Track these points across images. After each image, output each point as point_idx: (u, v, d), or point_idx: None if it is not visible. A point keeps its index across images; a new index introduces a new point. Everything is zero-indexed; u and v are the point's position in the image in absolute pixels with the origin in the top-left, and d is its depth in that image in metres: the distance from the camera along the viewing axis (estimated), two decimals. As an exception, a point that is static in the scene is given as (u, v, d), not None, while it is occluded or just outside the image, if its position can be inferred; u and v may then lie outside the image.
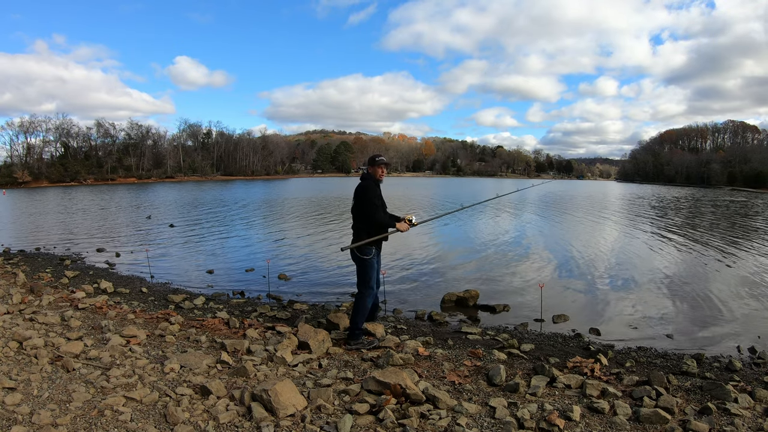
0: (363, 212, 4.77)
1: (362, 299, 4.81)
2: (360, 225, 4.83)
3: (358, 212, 4.84)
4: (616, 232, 17.21)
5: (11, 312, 5.31)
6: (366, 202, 4.75)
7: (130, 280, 8.66)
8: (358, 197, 4.83)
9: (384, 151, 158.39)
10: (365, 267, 4.81)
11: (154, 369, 3.77)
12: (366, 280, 4.83)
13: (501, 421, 3.12)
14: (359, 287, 4.90)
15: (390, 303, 7.28)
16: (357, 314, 4.77)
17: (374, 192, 4.81)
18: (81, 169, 71.44)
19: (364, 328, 4.88)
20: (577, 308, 7.19)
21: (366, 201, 4.75)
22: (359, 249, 4.75)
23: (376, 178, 4.94)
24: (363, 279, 4.84)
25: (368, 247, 4.77)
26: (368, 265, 4.80)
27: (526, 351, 4.96)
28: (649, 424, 3.18)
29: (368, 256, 4.77)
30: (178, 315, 5.82)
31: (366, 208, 4.74)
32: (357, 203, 4.84)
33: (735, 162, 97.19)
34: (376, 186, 4.88)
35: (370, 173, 4.97)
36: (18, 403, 3.04)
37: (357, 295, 4.90)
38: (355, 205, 4.87)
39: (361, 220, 4.81)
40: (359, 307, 4.78)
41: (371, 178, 4.91)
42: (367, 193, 4.77)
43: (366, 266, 4.81)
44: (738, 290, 8.28)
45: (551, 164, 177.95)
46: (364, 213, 4.75)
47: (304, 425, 2.93)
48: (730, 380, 4.22)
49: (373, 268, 4.84)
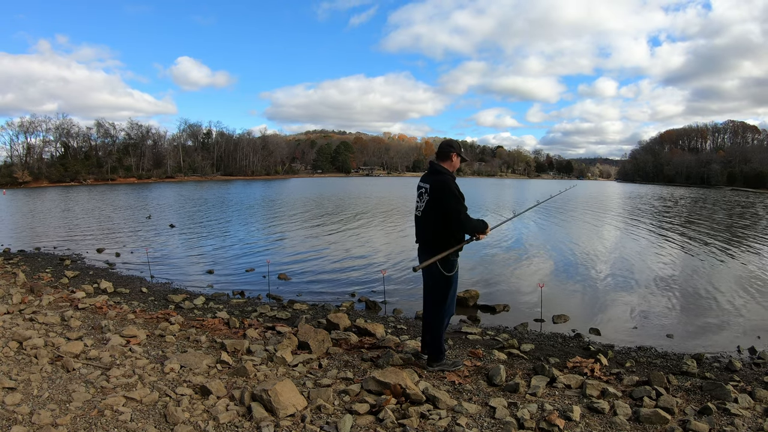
0: (449, 213, 3.76)
1: (443, 321, 4.00)
2: (441, 232, 3.84)
3: (440, 215, 3.82)
4: (616, 231, 17.22)
5: (11, 312, 5.31)
6: (455, 199, 3.76)
7: (130, 280, 8.67)
8: (441, 194, 3.80)
9: (384, 151, 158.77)
10: (449, 286, 3.91)
11: (154, 369, 3.77)
12: (449, 301, 3.96)
13: (501, 421, 3.12)
14: (436, 307, 3.97)
15: (390, 303, 7.28)
16: (441, 336, 4.02)
17: (457, 186, 3.84)
18: (81, 169, 71.46)
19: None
20: (577, 308, 7.19)
21: (455, 199, 3.75)
22: (443, 264, 3.82)
23: (451, 170, 3.98)
24: (443, 299, 3.93)
25: (453, 260, 3.90)
26: (453, 281, 3.94)
27: (526, 351, 4.96)
28: (649, 424, 3.18)
29: (453, 271, 3.89)
30: (178, 315, 5.82)
31: (455, 211, 3.74)
32: (439, 203, 3.81)
33: (735, 162, 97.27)
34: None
35: (445, 168, 3.94)
36: (18, 403, 3.04)
37: (434, 315, 4.00)
38: (434, 207, 3.84)
39: (445, 224, 3.81)
40: (440, 327, 3.99)
41: (448, 172, 3.93)
42: (452, 188, 3.77)
43: (451, 284, 3.92)
44: (738, 290, 8.28)
45: (551, 164, 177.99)
46: (452, 218, 3.76)
47: (304, 425, 2.93)
48: (730, 380, 4.22)
49: (456, 282, 3.99)
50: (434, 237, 3.88)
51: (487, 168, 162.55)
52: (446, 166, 3.96)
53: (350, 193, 43.72)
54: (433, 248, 3.85)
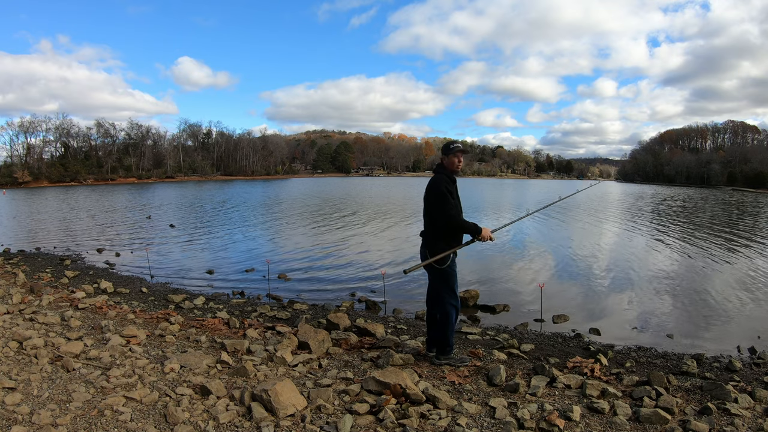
0: (436, 211, 4.01)
1: (449, 314, 4.13)
2: (433, 229, 4.09)
3: (430, 213, 4.08)
4: (616, 231, 17.21)
5: (11, 312, 5.31)
6: (438, 196, 3.98)
7: (130, 280, 8.67)
8: (429, 193, 4.08)
9: (384, 151, 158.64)
10: (446, 277, 4.10)
11: (154, 369, 3.77)
12: (451, 291, 4.13)
13: (501, 421, 3.12)
14: (442, 300, 4.15)
15: (390, 303, 7.28)
16: (448, 329, 4.15)
17: (447, 185, 4.04)
18: (81, 169, 71.44)
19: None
20: (577, 308, 7.19)
21: (438, 195, 3.98)
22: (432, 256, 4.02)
23: (451, 170, 4.17)
24: (446, 290, 4.12)
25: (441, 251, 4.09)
26: (450, 273, 4.11)
27: (526, 351, 4.96)
28: (649, 424, 3.18)
29: (445, 264, 4.06)
30: (178, 315, 5.82)
31: (439, 206, 3.96)
32: (428, 201, 4.08)
33: (735, 162, 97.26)
34: (450, 181, 4.12)
35: (444, 165, 4.17)
36: (18, 403, 3.04)
37: (440, 309, 4.16)
38: (427, 205, 4.11)
39: (434, 222, 4.06)
40: (449, 321, 4.14)
41: (443, 172, 4.15)
42: (439, 186, 4.00)
43: (447, 276, 4.10)
44: (738, 290, 8.28)
45: (551, 164, 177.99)
46: (437, 212, 3.99)
47: (304, 425, 2.93)
48: (730, 380, 4.22)
49: (456, 276, 4.17)
50: (427, 231, 4.16)
51: (487, 168, 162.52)
52: (445, 163, 4.19)
53: (350, 193, 43.71)
54: (426, 242, 4.14)
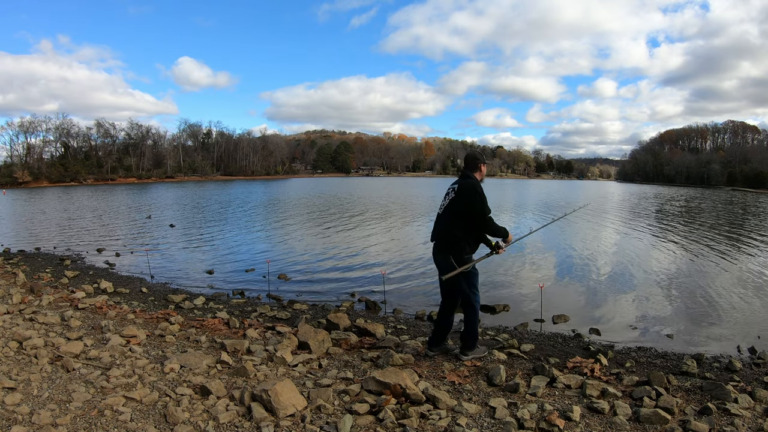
0: (474, 215, 4.07)
1: (477, 311, 4.29)
2: (461, 232, 4.12)
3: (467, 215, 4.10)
4: (616, 232, 17.21)
5: (11, 312, 5.31)
6: (482, 196, 4.08)
7: (130, 280, 8.67)
8: (469, 195, 4.09)
9: (384, 151, 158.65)
10: (469, 277, 4.20)
11: (154, 369, 3.77)
12: (476, 289, 4.27)
13: (501, 422, 3.12)
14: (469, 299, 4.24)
15: (390, 303, 7.28)
16: (477, 324, 4.33)
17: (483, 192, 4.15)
18: (81, 169, 71.40)
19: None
20: (577, 308, 7.19)
21: (480, 201, 4.06)
22: (456, 261, 4.09)
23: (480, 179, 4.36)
24: (473, 289, 4.24)
25: (467, 257, 4.17)
26: (474, 273, 4.25)
27: (526, 351, 4.95)
28: (649, 424, 3.18)
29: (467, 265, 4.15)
30: (178, 315, 5.82)
31: (481, 206, 4.06)
32: (465, 201, 4.09)
33: (735, 162, 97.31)
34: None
35: (472, 175, 4.29)
36: (18, 403, 3.04)
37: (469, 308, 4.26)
38: (458, 205, 4.13)
39: (471, 223, 4.11)
40: (473, 318, 4.28)
41: (476, 179, 4.27)
42: (478, 190, 4.09)
43: (473, 276, 4.23)
44: (738, 290, 8.28)
45: (551, 164, 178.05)
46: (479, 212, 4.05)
47: (304, 425, 2.93)
48: (730, 380, 4.22)
49: (477, 274, 4.29)
50: (451, 234, 4.16)
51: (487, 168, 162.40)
52: (476, 175, 4.33)
53: (350, 193, 43.71)
54: (448, 245, 4.17)
